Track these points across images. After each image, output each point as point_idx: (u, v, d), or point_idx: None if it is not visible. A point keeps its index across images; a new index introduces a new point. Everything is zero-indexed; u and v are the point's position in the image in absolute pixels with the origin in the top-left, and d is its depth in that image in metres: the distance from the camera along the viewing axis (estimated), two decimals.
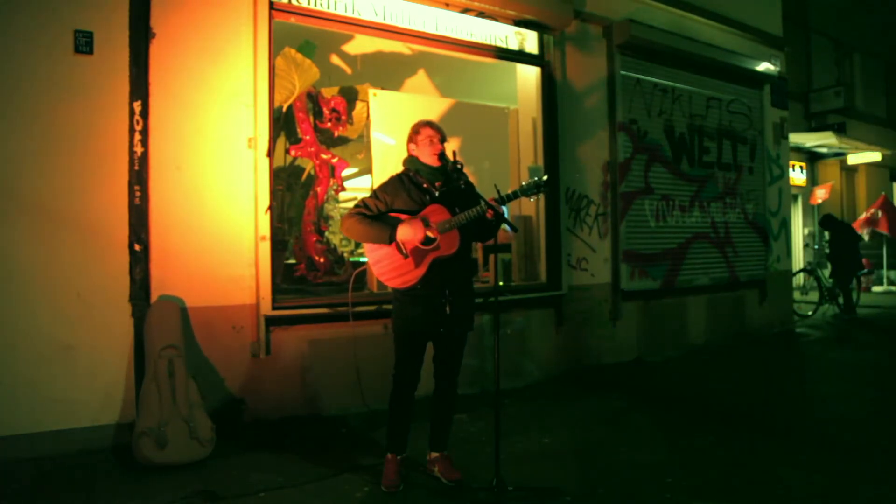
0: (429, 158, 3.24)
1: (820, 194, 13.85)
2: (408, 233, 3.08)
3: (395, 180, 3.29)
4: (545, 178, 3.39)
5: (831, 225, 10.23)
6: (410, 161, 3.31)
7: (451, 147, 3.86)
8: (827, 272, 10.55)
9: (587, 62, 6.31)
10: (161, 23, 4.03)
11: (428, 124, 3.32)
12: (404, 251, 3.10)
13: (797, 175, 14.10)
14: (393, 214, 3.18)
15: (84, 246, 3.80)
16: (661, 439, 4.08)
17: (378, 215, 3.19)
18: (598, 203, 6.36)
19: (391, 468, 3.29)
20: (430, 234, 3.10)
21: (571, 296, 6.00)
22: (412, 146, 3.32)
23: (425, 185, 3.23)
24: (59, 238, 3.74)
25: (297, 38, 5.01)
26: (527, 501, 3.12)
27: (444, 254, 3.12)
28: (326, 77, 5.64)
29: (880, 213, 13.11)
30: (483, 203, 3.08)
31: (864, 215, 13.69)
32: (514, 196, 3.23)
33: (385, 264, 3.16)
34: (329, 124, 5.17)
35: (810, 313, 9.70)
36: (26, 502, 3.18)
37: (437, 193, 3.21)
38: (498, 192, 3.19)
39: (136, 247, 3.91)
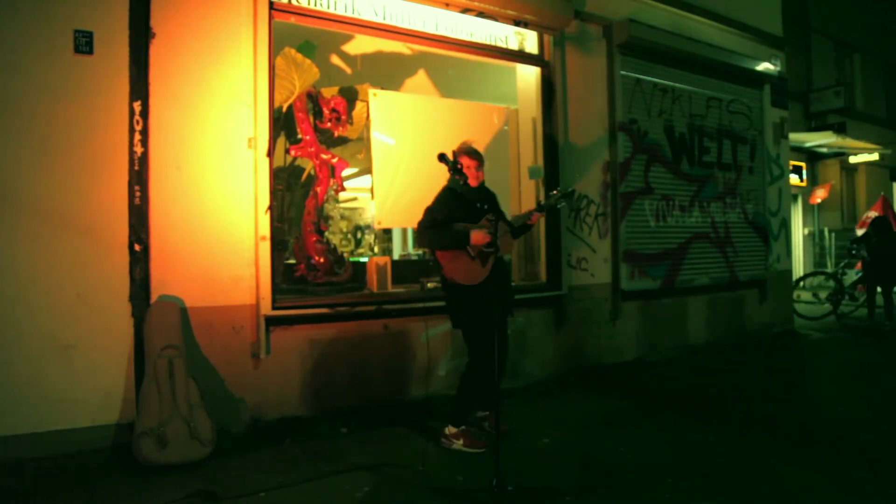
0: (471, 182, 3.84)
1: (819, 194, 13.84)
2: (478, 236, 3.71)
3: (448, 195, 3.89)
4: (571, 189, 4.12)
5: (883, 227, 9.22)
6: (455, 182, 3.85)
7: (450, 147, 3.88)
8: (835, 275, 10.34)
9: (587, 62, 6.31)
10: (161, 23, 4.03)
11: (467, 154, 3.88)
12: (472, 255, 3.77)
13: (797, 175, 14.10)
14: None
15: (84, 246, 3.80)
16: (660, 439, 4.08)
17: (447, 225, 3.80)
18: (598, 203, 6.36)
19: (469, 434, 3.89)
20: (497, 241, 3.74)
21: (571, 296, 6.00)
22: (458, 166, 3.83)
23: (471, 201, 3.86)
24: (58, 238, 3.74)
25: (297, 38, 5.01)
26: (527, 501, 3.12)
27: (503, 254, 3.79)
28: (326, 77, 5.63)
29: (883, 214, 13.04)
30: (527, 212, 3.94)
31: (864, 217, 13.66)
32: (550, 207, 4.01)
33: (458, 266, 3.80)
34: (329, 124, 5.16)
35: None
36: (26, 502, 3.18)
37: (486, 207, 3.82)
38: (539, 203, 4.17)
39: (136, 247, 3.91)
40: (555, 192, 4.03)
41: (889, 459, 3.68)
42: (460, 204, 3.85)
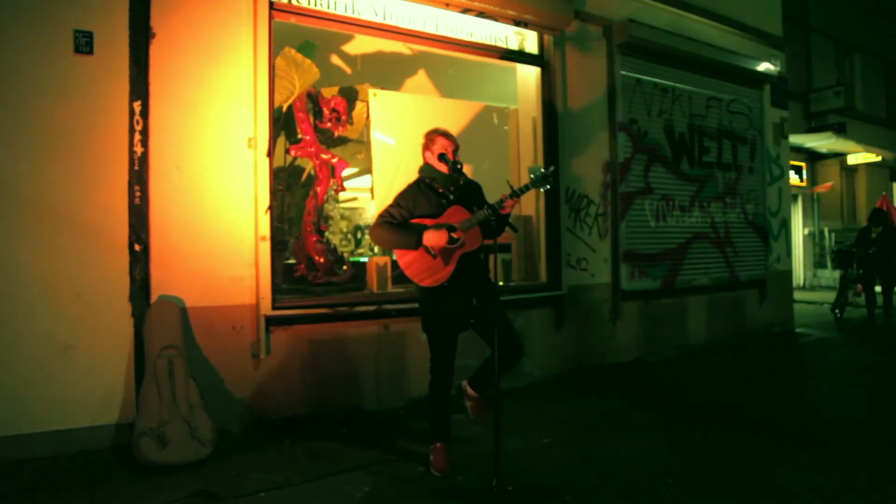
0: (443, 166, 3.44)
1: (824, 185, 13.87)
2: (433, 238, 3.30)
3: (413, 188, 3.50)
4: (552, 168, 3.56)
5: (881, 219, 8.91)
6: (426, 168, 3.52)
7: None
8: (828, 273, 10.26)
9: (587, 62, 6.31)
10: (161, 23, 4.03)
11: (442, 134, 3.49)
12: (433, 253, 3.34)
13: (797, 175, 14.10)
14: (415, 220, 3.39)
15: (84, 246, 3.80)
16: (661, 439, 4.08)
17: (402, 223, 3.39)
18: (598, 203, 6.36)
19: (439, 456, 3.43)
20: (454, 235, 3.33)
21: (571, 296, 6.00)
22: (428, 154, 3.51)
23: (441, 191, 3.46)
24: (58, 238, 3.73)
25: (297, 38, 5.01)
26: (527, 501, 3.12)
27: (470, 249, 3.38)
28: (326, 77, 5.64)
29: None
30: (498, 199, 3.31)
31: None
32: (526, 189, 3.40)
33: (416, 266, 3.38)
34: (329, 124, 5.17)
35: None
36: (26, 502, 3.18)
37: (451, 197, 3.42)
38: (511, 186, 3.37)
39: (136, 247, 3.91)
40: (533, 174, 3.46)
41: (888, 459, 3.68)
42: (426, 197, 3.44)
